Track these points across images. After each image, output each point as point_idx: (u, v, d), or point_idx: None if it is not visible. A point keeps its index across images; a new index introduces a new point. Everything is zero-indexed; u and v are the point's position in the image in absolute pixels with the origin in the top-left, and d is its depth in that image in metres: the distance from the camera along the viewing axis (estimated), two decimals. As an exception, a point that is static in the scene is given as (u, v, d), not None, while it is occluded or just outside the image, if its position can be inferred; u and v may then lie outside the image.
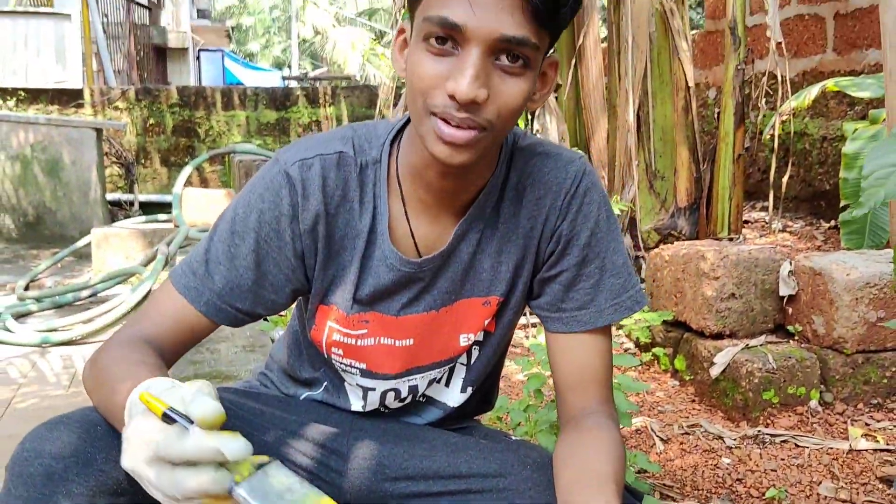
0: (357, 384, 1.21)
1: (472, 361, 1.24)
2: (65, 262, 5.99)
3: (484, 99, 0.91)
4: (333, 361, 1.19)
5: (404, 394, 1.22)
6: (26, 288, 5.04)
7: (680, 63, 3.36)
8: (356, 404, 1.24)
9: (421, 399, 1.26)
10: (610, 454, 1.03)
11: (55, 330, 4.07)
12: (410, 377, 1.21)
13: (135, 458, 0.79)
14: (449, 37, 0.91)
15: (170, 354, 1.07)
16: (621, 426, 1.82)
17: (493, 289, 1.16)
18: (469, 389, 1.26)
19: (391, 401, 1.23)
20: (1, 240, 6.63)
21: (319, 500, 0.79)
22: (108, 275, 4.81)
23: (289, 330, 1.36)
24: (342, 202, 1.09)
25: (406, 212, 1.11)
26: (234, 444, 0.76)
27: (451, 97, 0.91)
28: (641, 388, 1.76)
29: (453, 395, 1.26)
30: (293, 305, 1.25)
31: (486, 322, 1.18)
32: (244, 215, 1.07)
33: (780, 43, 3.15)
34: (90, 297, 4.68)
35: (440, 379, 1.25)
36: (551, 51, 1.02)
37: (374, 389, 1.21)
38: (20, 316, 4.46)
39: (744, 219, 4.29)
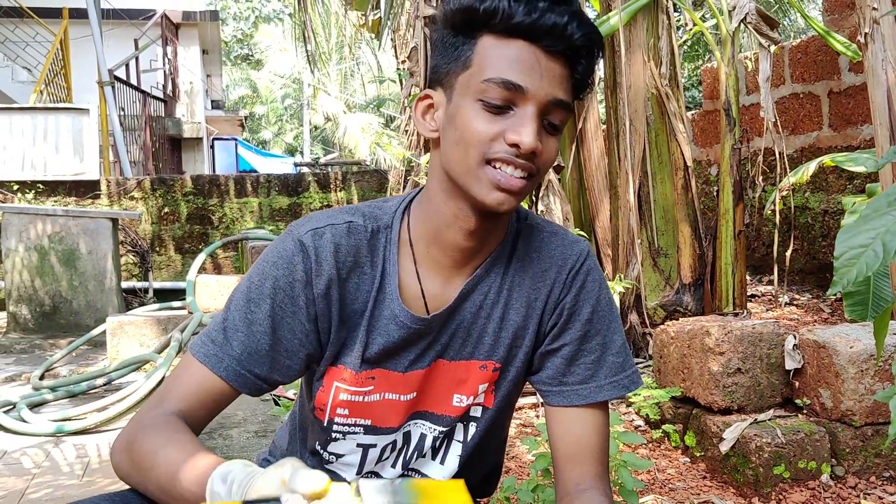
0: (357, 445, 1.24)
1: (469, 438, 1.27)
2: (80, 351, 6.04)
3: (540, 151, 1.04)
4: (334, 426, 1.21)
5: (399, 444, 1.25)
6: (42, 377, 5.09)
7: (678, 144, 3.45)
8: (350, 473, 1.26)
9: (409, 473, 1.29)
10: None
11: (69, 419, 4.08)
12: (407, 425, 1.23)
13: None
14: (507, 98, 1.02)
15: (197, 427, 1.10)
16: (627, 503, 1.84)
17: (493, 354, 1.20)
18: (464, 467, 1.29)
19: (388, 455, 1.25)
20: (18, 330, 6.69)
21: None
22: (123, 363, 4.85)
23: (290, 416, 1.40)
24: (354, 268, 1.15)
25: (418, 272, 1.16)
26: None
27: (514, 145, 1.02)
28: (646, 465, 1.77)
29: (448, 471, 1.29)
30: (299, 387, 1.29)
31: (482, 388, 1.22)
32: (259, 283, 1.12)
33: (775, 122, 3.23)
34: (105, 385, 4.71)
35: (434, 455, 1.27)
36: None
37: (374, 446, 1.24)
38: (35, 405, 4.48)
39: (750, 293, 4.33)
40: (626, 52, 3.40)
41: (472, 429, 1.26)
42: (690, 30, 5.01)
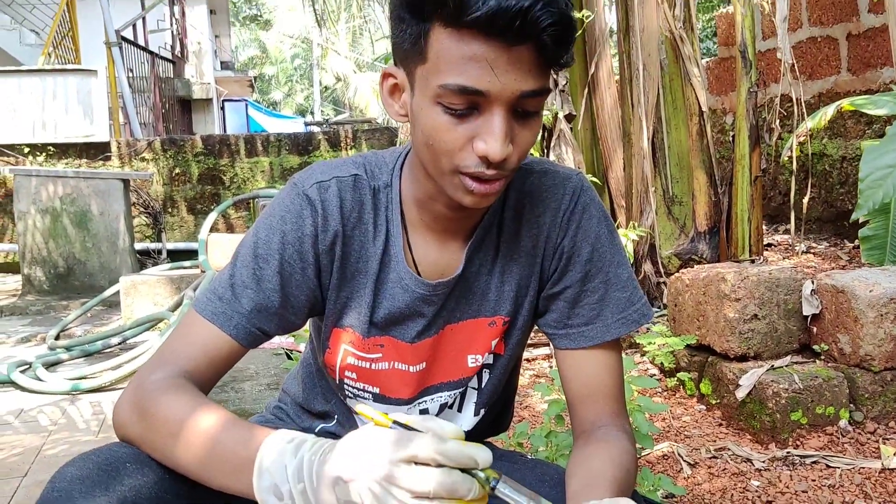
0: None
1: (483, 384, 1.24)
2: (94, 312, 6.07)
3: (511, 153, 0.94)
4: (345, 387, 1.19)
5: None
6: (57, 337, 5.12)
7: (692, 89, 3.37)
8: None
9: None
10: (616, 462, 1.03)
11: (85, 377, 4.10)
12: (422, 400, 1.21)
13: (376, 460, 0.79)
14: (468, 103, 0.92)
15: (207, 387, 1.06)
16: (643, 448, 1.82)
17: (499, 308, 1.16)
18: (482, 412, 1.26)
19: None
20: (33, 292, 6.73)
21: None
22: (136, 322, 4.86)
23: (301, 363, 1.37)
24: (358, 223, 1.11)
25: (408, 238, 1.12)
26: (485, 454, 0.80)
27: (483, 158, 0.93)
28: (661, 409, 1.74)
29: (466, 419, 1.26)
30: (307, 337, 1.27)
31: (494, 343, 1.18)
32: (267, 238, 1.08)
33: (792, 65, 3.15)
34: (119, 344, 4.73)
35: (452, 404, 1.25)
36: None
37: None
38: (51, 365, 4.51)
39: (767, 242, 4.27)
40: (639, -7, 3.31)
41: (486, 375, 1.23)
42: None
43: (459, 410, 1.26)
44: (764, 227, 4.84)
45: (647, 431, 1.73)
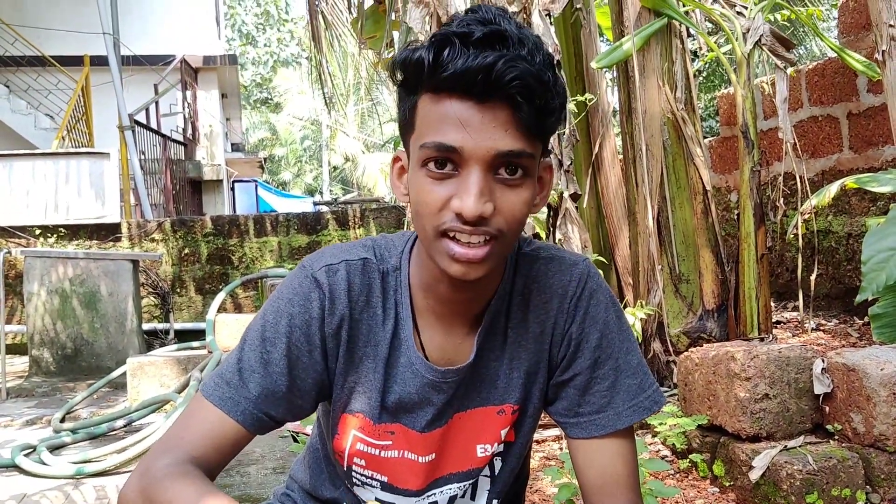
0: (376, 499, 1.19)
1: (497, 473, 1.22)
2: (101, 393, 6.04)
3: (490, 213, 0.94)
4: (353, 474, 1.18)
5: None
6: (62, 420, 5.08)
7: (696, 168, 3.41)
8: None
9: None
10: None
11: (89, 461, 4.06)
12: (431, 493, 1.19)
13: None
14: (448, 159, 0.94)
15: (213, 473, 1.05)
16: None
17: (508, 397, 1.15)
18: (494, 502, 1.24)
19: None
20: (40, 373, 6.71)
21: None
22: (142, 403, 4.83)
23: (308, 448, 1.35)
24: (366, 307, 1.11)
25: (416, 323, 1.12)
26: None
27: (459, 215, 0.94)
28: (673, 493, 1.71)
29: None
30: (314, 423, 1.26)
31: (504, 432, 1.17)
32: (274, 322, 1.08)
33: (794, 144, 3.19)
34: (125, 426, 4.69)
35: (464, 494, 1.23)
36: (545, 155, 1.06)
37: None
38: (55, 448, 4.47)
39: (776, 319, 4.25)
40: (641, 77, 3.38)
41: (499, 464, 1.22)
42: (705, 56, 4.99)
43: (473, 499, 1.24)
44: (773, 305, 4.83)
45: (659, 516, 1.69)
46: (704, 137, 6.06)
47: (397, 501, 1.18)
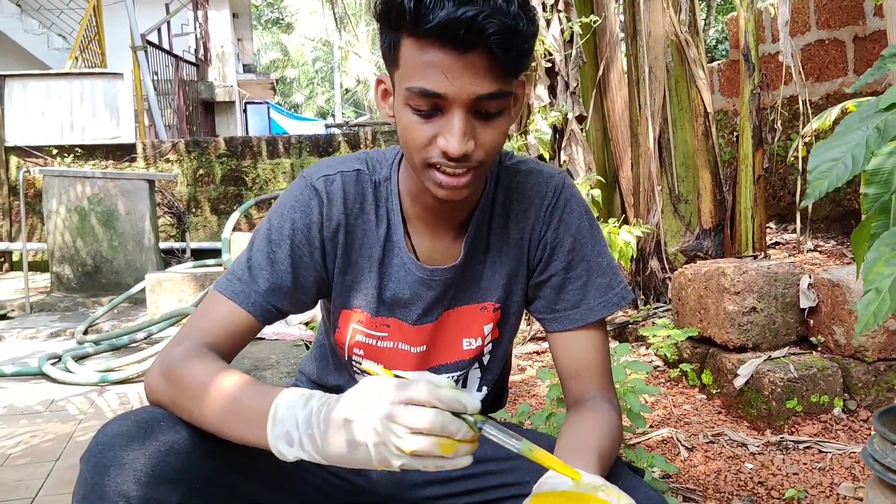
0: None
1: (486, 364, 1.37)
2: (121, 308, 6.25)
3: (472, 149, 1.05)
4: (353, 363, 1.31)
5: None
6: (85, 332, 5.29)
7: (698, 91, 3.48)
8: None
9: None
10: (602, 430, 1.15)
11: (112, 370, 4.26)
12: None
13: (377, 401, 0.90)
14: (431, 104, 1.04)
15: (226, 359, 1.18)
16: (637, 427, 1.93)
17: (489, 295, 1.28)
18: (485, 388, 1.39)
19: None
20: (61, 289, 6.91)
21: (533, 448, 0.95)
22: (162, 317, 5.01)
23: (315, 343, 1.50)
24: (360, 213, 1.23)
25: (407, 228, 1.25)
26: (474, 401, 0.92)
27: (444, 153, 1.05)
28: (653, 391, 1.86)
29: (475, 396, 1.39)
30: (313, 318, 1.39)
31: (488, 328, 1.30)
32: (279, 225, 1.21)
33: (799, 68, 3.25)
34: (145, 338, 4.89)
35: (457, 383, 1.37)
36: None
37: None
38: (80, 358, 4.68)
39: (776, 240, 4.36)
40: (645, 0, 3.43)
41: (487, 357, 1.35)
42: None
43: (464, 387, 1.38)
44: (774, 226, 4.93)
45: (639, 411, 1.84)
46: (716, 60, 6.06)
47: None
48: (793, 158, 3.96)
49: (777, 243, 4.41)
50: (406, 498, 1.29)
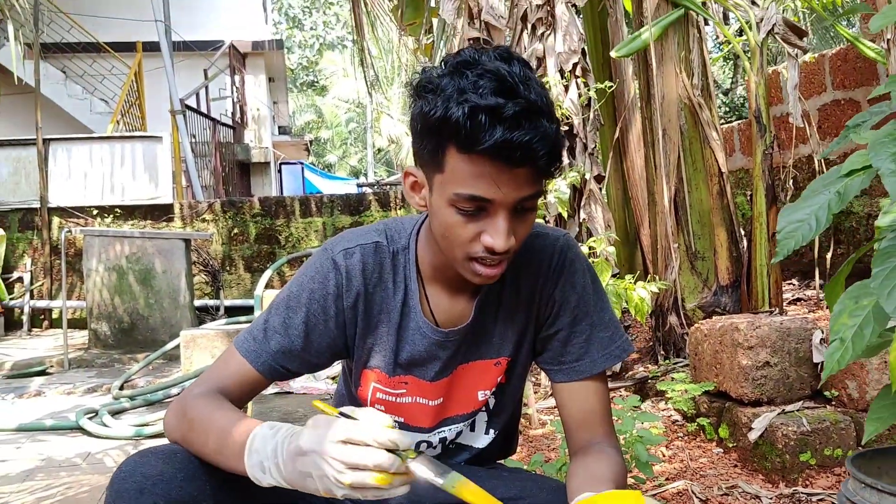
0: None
1: (492, 408, 1.47)
2: (156, 364, 6.40)
3: (514, 245, 1.18)
4: None
5: (435, 444, 1.45)
6: (121, 388, 5.45)
7: (712, 151, 3.59)
8: None
9: (451, 446, 1.49)
10: (610, 466, 1.25)
11: (147, 424, 4.38)
12: (440, 430, 1.44)
13: (321, 439, 1.03)
14: (477, 206, 1.15)
15: (237, 406, 1.31)
16: (645, 476, 2.00)
17: (502, 350, 1.39)
18: (492, 432, 1.48)
19: (424, 450, 1.46)
20: (98, 345, 7.10)
21: (461, 481, 1.06)
22: (195, 372, 5.15)
23: (336, 395, 1.62)
24: (378, 282, 1.35)
25: (426, 293, 1.36)
26: (406, 438, 1.04)
27: (489, 249, 1.17)
28: (658, 440, 1.93)
29: (479, 439, 1.49)
30: (339, 373, 1.52)
31: (499, 378, 1.42)
32: (298, 293, 1.33)
33: (806, 126, 3.35)
34: (178, 394, 5.01)
35: (465, 427, 1.48)
36: None
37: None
38: (116, 413, 4.81)
39: (796, 297, 4.41)
40: (658, 65, 3.56)
41: (493, 401, 1.46)
42: (724, 43, 5.11)
43: (472, 430, 1.48)
44: (797, 283, 4.97)
45: (647, 460, 1.92)
46: (735, 120, 6.16)
47: (413, 437, 1.43)
48: (810, 216, 4.03)
49: (798, 299, 4.46)
50: None
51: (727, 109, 12.70)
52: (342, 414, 1.07)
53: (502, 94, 1.08)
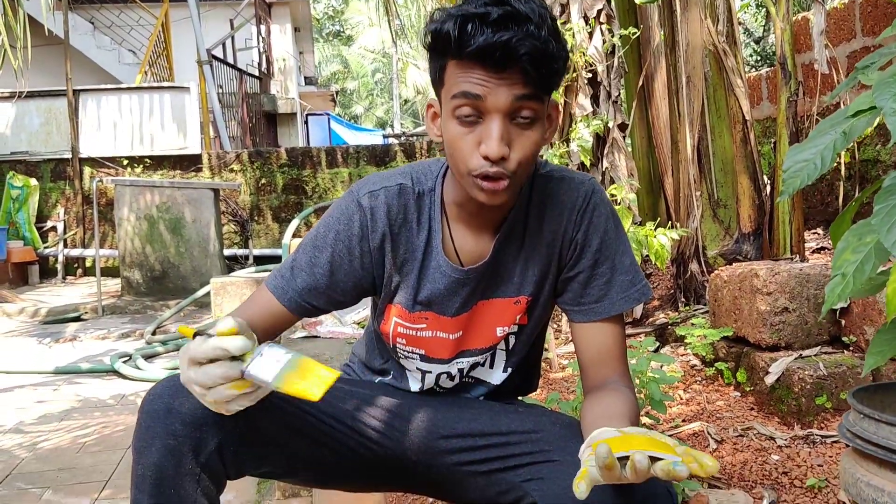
0: (417, 368, 1.51)
1: (511, 347, 1.52)
2: (187, 311, 6.55)
3: (508, 153, 1.21)
4: (397, 349, 1.49)
5: (454, 374, 1.52)
6: (154, 333, 5.60)
7: (736, 98, 3.57)
8: (415, 386, 1.54)
9: (468, 380, 1.55)
10: (624, 403, 1.30)
11: (178, 367, 4.52)
12: (459, 361, 1.50)
13: (181, 366, 1.14)
14: (473, 108, 1.21)
15: (262, 339, 1.36)
16: (658, 413, 2.06)
17: (522, 290, 1.44)
18: (509, 370, 1.54)
19: (444, 381, 1.52)
20: (131, 293, 7.26)
21: (301, 360, 1.11)
22: (225, 317, 5.28)
23: (366, 331, 1.69)
24: (403, 224, 1.40)
25: (451, 231, 1.41)
26: (234, 342, 1.10)
27: (485, 157, 1.21)
28: (672, 380, 1.98)
29: (496, 375, 1.55)
30: (365, 318, 1.58)
31: (518, 317, 1.46)
32: (324, 234, 1.40)
33: (834, 74, 3.32)
34: (209, 338, 5.15)
35: (484, 363, 1.53)
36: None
37: (430, 372, 1.51)
38: (149, 357, 4.97)
39: (821, 245, 4.41)
40: (683, 10, 3.54)
41: (513, 340, 1.51)
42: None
43: (491, 367, 1.54)
44: (821, 232, 4.96)
45: (661, 399, 1.97)
46: (763, 67, 6.09)
47: (433, 368, 1.50)
48: (835, 164, 4.02)
49: (823, 248, 4.46)
50: (434, 463, 1.45)
51: (758, 58, 12.50)
52: (197, 334, 1.13)
53: (494, 4, 1.15)
